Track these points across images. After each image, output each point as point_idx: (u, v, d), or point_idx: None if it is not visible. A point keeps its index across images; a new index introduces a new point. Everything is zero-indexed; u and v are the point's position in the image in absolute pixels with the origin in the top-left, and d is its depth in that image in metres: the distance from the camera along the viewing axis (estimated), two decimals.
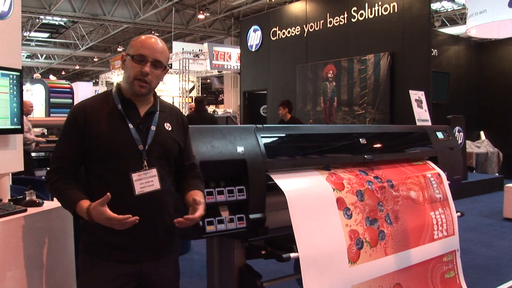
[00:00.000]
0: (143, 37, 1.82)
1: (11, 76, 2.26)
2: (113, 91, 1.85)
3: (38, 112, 13.56)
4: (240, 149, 2.36)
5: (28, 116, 7.32)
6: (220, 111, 21.88)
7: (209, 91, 32.06)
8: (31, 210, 2.11)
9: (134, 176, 1.73)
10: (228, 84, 24.77)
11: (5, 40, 2.33)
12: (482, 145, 10.42)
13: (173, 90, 22.21)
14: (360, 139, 2.98)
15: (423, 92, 4.21)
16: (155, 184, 1.77)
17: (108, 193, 1.62)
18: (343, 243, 2.53)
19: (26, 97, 14.17)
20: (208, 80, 29.01)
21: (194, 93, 22.43)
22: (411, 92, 4.25)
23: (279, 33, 11.02)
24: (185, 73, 20.46)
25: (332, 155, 2.85)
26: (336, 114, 9.12)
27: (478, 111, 11.04)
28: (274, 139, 2.61)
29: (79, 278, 1.85)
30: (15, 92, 2.28)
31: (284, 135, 2.70)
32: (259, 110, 12.36)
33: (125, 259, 1.78)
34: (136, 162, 1.76)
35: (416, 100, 4.04)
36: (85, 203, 1.70)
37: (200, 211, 1.77)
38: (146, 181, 1.75)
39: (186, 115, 10.10)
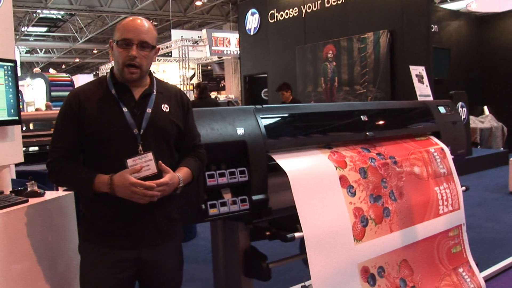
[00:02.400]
0: (126, 20, 1.78)
1: (5, 67, 2.24)
2: (107, 77, 1.83)
3: (40, 106, 13.55)
4: (240, 130, 2.33)
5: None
6: (222, 97, 21.82)
7: (210, 77, 31.94)
8: (32, 201, 2.11)
9: (129, 161, 1.70)
10: (229, 70, 24.64)
11: None
12: (486, 120, 10.35)
13: (173, 78, 22.16)
14: (361, 116, 2.94)
15: (423, 67, 4.16)
16: (152, 168, 1.73)
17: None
18: (347, 221, 2.52)
19: (27, 92, 14.19)
20: (209, 67, 28.89)
21: (195, 80, 22.36)
22: (411, 67, 4.20)
23: (277, 15, 10.92)
24: (185, 61, 20.37)
25: (334, 133, 2.83)
26: (338, 94, 9.06)
27: (481, 86, 10.97)
28: (274, 119, 2.58)
29: (79, 265, 1.84)
30: (10, 83, 2.26)
31: (284, 115, 2.68)
32: (261, 93, 12.32)
33: (123, 245, 1.77)
34: (132, 147, 1.73)
35: (416, 75, 3.99)
36: (104, 175, 1.68)
37: (164, 178, 1.72)
38: (142, 165, 1.72)
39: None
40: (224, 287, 2.62)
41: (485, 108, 10.99)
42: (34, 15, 21.33)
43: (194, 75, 22.95)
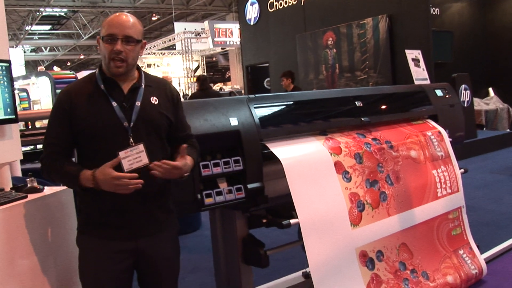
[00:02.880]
0: (111, 16, 1.82)
1: (0, 67, 2.28)
2: (96, 73, 1.86)
3: (46, 104, 13.64)
4: (233, 120, 2.36)
5: None
6: (227, 88, 21.83)
7: (216, 69, 31.98)
8: (31, 196, 2.15)
9: (121, 153, 1.74)
10: (233, 61, 24.63)
11: None
12: (491, 102, 10.27)
13: (178, 71, 22.21)
14: (356, 102, 2.96)
15: (419, 51, 4.16)
16: (144, 159, 1.77)
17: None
18: (343, 206, 2.55)
19: (32, 90, 14.33)
20: (214, 58, 28.89)
21: (199, 72, 22.40)
22: (407, 51, 4.20)
23: (276, 4, 10.94)
24: (188, 53, 20.39)
25: (328, 120, 2.84)
26: (339, 81, 9.07)
27: (485, 68, 10.86)
28: (268, 108, 2.60)
29: (78, 257, 1.89)
30: (5, 83, 2.30)
31: (277, 103, 2.69)
32: (263, 83, 12.35)
33: (120, 236, 1.82)
34: (123, 140, 1.77)
35: (413, 59, 3.98)
36: (88, 170, 1.73)
37: (177, 162, 1.79)
38: (134, 157, 1.75)
39: (191, 94, 10.14)
40: (224, 274, 2.66)
41: (490, 89, 10.89)
42: (37, 13, 21.45)
43: (198, 67, 22.98)
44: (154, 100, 1.88)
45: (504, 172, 6.64)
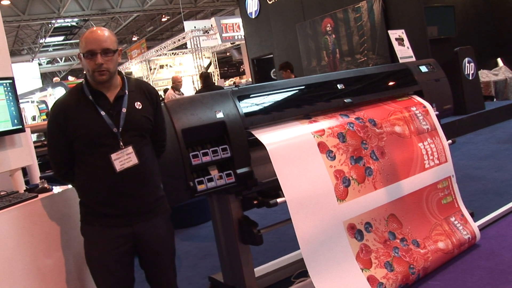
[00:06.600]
0: (86, 33, 2.02)
1: (4, 84, 2.52)
2: (83, 84, 2.08)
3: None
4: (218, 112, 2.56)
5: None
6: (243, 81, 21.93)
7: (230, 64, 32.03)
8: (42, 196, 2.41)
9: (113, 156, 1.99)
10: (246, 54, 24.68)
11: None
12: (500, 72, 10.21)
13: (190, 70, 22.44)
14: (338, 85, 3.11)
15: (403, 30, 4.27)
16: (133, 160, 2.01)
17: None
18: (329, 183, 2.69)
19: (50, 101, 14.79)
20: (228, 53, 28.96)
21: (212, 69, 22.58)
22: (390, 32, 4.31)
23: None
24: (197, 51, 20.59)
25: (310, 104, 2.98)
26: (340, 65, 9.20)
27: (492, 38, 10.76)
28: (251, 98, 2.78)
29: (83, 245, 2.13)
30: (11, 98, 2.54)
31: (259, 93, 2.85)
32: (270, 74, 12.54)
33: (117, 223, 2.05)
34: (114, 144, 2.00)
35: (396, 39, 4.11)
36: None
37: None
38: (124, 158, 2.00)
39: (196, 91, 10.33)
40: (225, 255, 2.87)
41: (499, 60, 10.81)
42: (50, 25, 21.90)
43: (210, 64, 23.16)
44: (138, 105, 2.09)
45: (511, 141, 6.66)
